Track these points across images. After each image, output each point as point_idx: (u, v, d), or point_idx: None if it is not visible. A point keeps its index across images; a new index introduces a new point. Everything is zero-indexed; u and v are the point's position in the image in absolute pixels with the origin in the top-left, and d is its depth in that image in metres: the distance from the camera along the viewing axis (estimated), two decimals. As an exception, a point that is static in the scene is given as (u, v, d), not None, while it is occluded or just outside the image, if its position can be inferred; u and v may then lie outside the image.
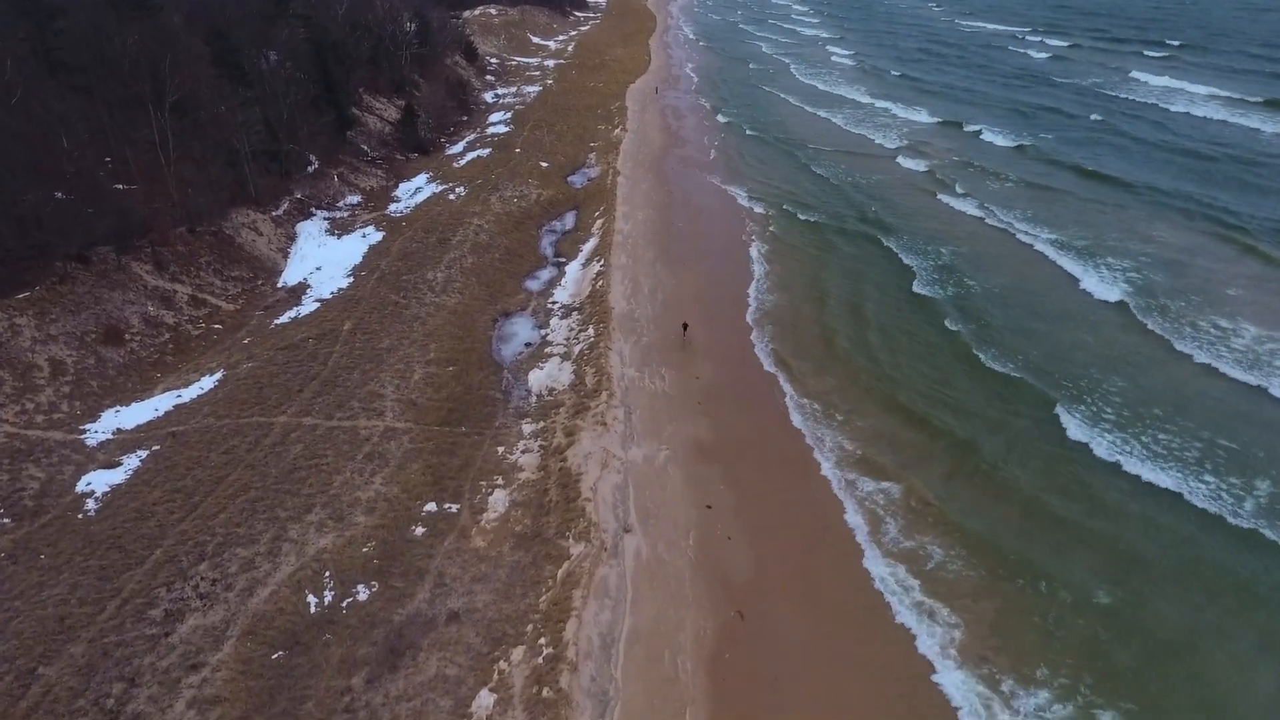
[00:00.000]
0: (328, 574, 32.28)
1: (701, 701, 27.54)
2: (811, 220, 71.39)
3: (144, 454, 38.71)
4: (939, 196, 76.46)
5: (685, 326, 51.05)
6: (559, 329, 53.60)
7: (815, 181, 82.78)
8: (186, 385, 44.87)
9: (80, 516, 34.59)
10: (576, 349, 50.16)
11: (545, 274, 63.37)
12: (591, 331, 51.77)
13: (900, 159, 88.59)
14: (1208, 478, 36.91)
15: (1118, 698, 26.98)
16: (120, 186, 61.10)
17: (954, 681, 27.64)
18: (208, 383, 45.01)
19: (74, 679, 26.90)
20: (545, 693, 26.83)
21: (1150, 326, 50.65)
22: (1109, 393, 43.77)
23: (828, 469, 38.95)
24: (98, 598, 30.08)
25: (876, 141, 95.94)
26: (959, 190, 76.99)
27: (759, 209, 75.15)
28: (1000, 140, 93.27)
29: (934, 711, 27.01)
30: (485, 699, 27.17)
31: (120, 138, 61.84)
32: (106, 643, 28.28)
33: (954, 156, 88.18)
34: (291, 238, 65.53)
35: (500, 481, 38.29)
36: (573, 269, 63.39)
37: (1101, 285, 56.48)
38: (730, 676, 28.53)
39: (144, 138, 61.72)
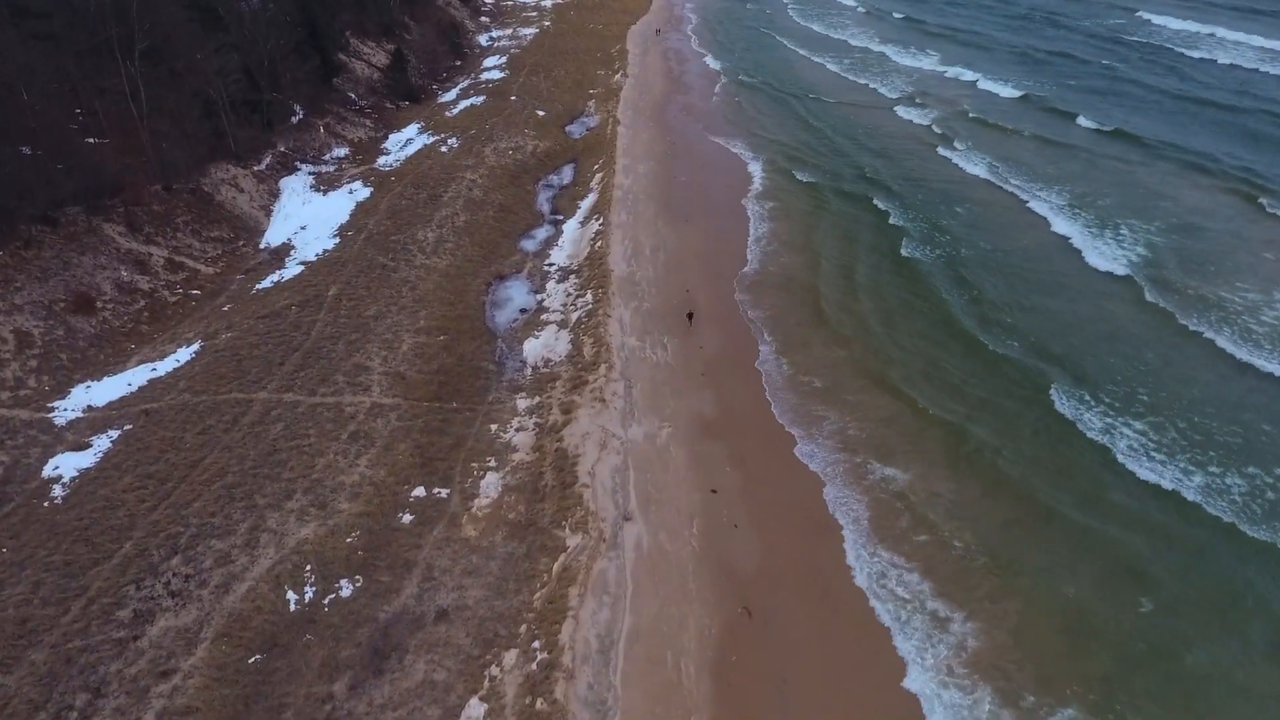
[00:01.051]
0: (309, 568, 30.40)
1: (705, 709, 25.86)
2: (813, 178, 67.20)
3: (115, 434, 36.54)
4: (940, 151, 72.33)
5: (690, 316, 47.12)
6: (556, 293, 50.93)
7: (816, 134, 78.32)
8: (162, 357, 42.46)
9: (46, 505, 32.57)
10: (574, 316, 47.59)
11: (542, 233, 60.37)
12: (590, 297, 49.12)
13: (902, 110, 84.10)
14: (1251, 468, 34.62)
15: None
16: (91, 140, 57.85)
17: (972, 697, 25.89)
18: (184, 354, 42.60)
19: (34, 689, 25.18)
20: (539, 704, 25.11)
21: (1163, 304, 46.89)
22: (1116, 379, 40.91)
23: (834, 453, 36.75)
24: (62, 597, 28.22)
25: (878, 91, 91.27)
26: (960, 146, 72.60)
27: (762, 162, 71.55)
28: (1005, 90, 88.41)
29: (954, 722, 25.38)
30: (475, 709, 25.47)
31: (89, 90, 58.20)
32: (70, 648, 26.51)
33: (957, 107, 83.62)
34: (274, 194, 62.33)
35: (493, 463, 36.19)
36: (570, 227, 60.36)
37: (1111, 255, 52.78)
38: (736, 680, 26.81)
39: (114, 88, 58.05)
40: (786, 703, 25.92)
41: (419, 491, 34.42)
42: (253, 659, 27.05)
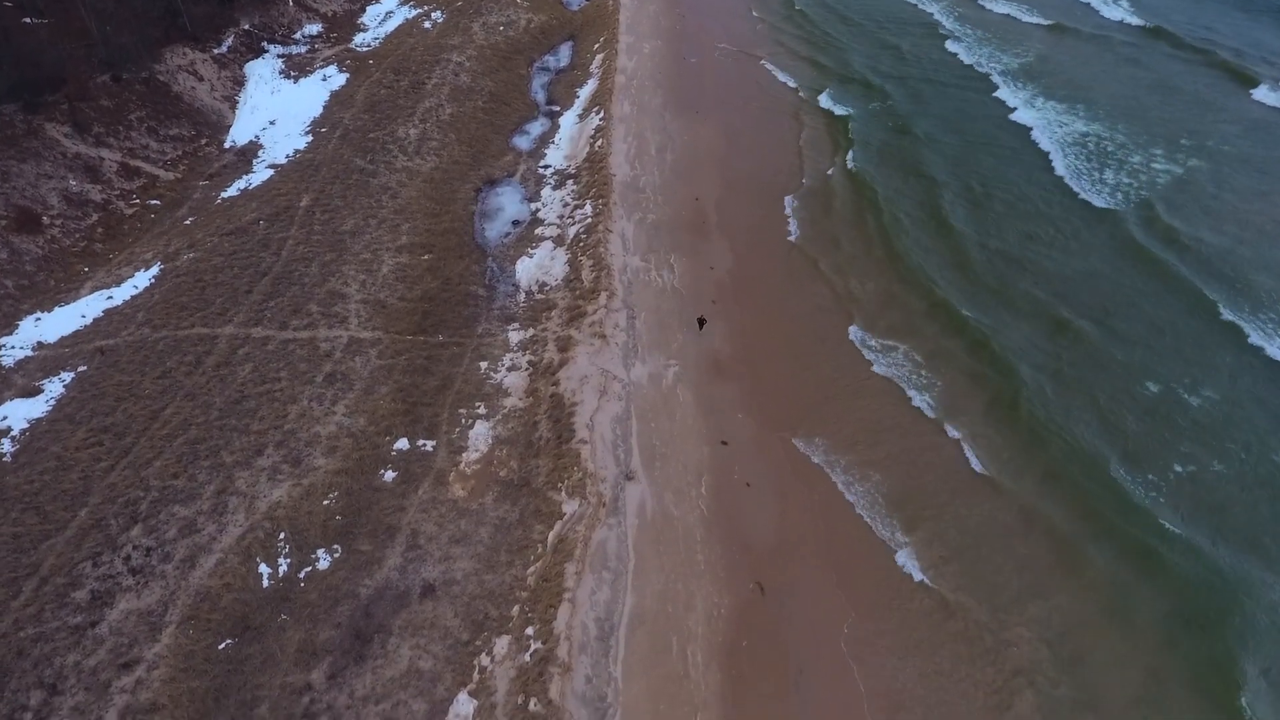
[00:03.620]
0: (282, 536, 27.85)
1: (714, 705, 23.81)
2: (827, 65, 60.86)
3: (69, 377, 33.28)
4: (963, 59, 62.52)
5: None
6: (552, 202, 46.14)
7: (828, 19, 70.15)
8: (118, 283, 38.58)
9: (-6, 463, 29.78)
10: (571, 231, 43.08)
11: (536, 127, 54.59)
12: (589, 208, 44.36)
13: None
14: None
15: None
16: (28, 20, 51.45)
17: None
18: (143, 279, 38.69)
19: (-17, 688, 23.19)
20: (533, 705, 23.01)
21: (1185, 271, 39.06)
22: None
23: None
24: (12, 577, 25.81)
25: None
26: (966, 38, 64.76)
27: (778, 42, 64.34)
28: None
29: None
30: (464, 705, 23.47)
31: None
32: (22, 638, 24.31)
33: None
34: (239, 82, 56.08)
35: (482, 410, 33.03)
36: (568, 121, 54.51)
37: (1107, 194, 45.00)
38: (747, 671, 24.67)
39: (46, -42, 50.99)
40: (804, 698, 23.83)
41: (402, 444, 31.46)
42: (223, 645, 24.92)
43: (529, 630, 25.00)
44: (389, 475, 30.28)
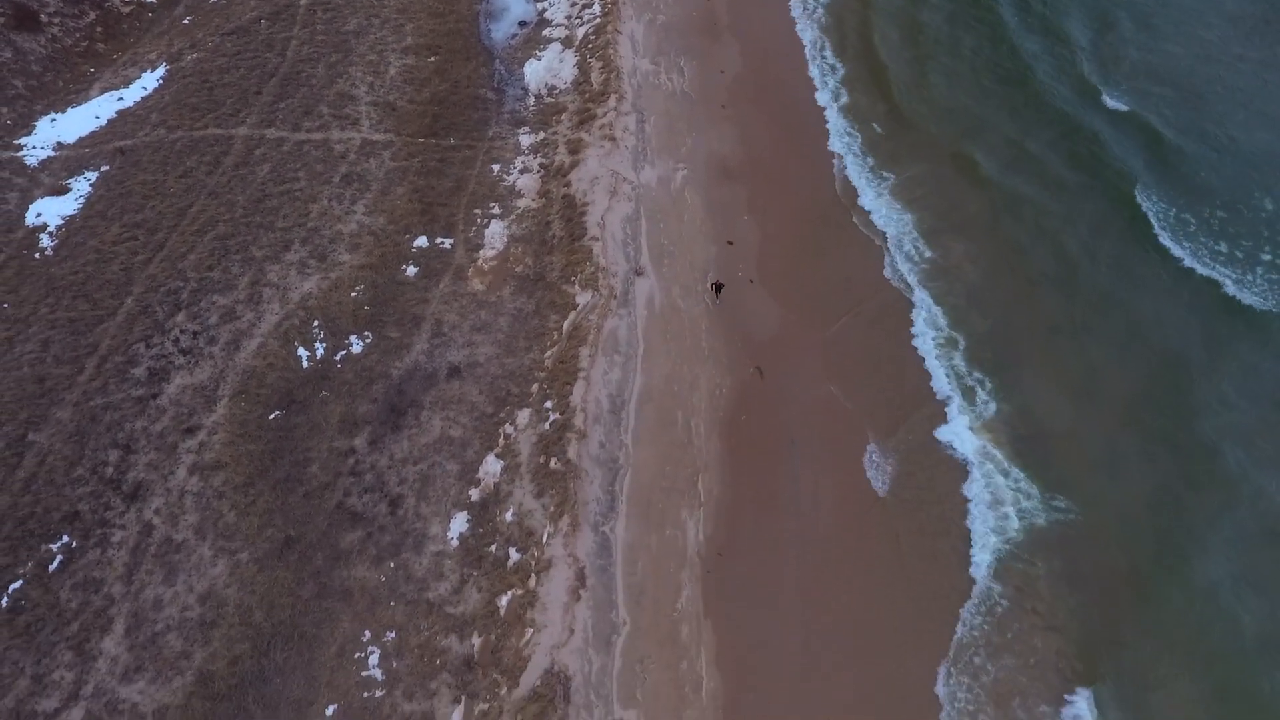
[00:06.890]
0: (316, 324, 29.94)
1: (714, 468, 26.78)
2: None
3: (93, 176, 34.25)
4: None
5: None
6: (559, 2, 44.58)
7: None
8: (126, 84, 38.51)
9: (38, 257, 31.42)
10: (580, 32, 42.05)
11: (540, -81, 51.40)
12: (597, 8, 43.00)
13: None
14: None
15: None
16: None
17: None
18: (150, 80, 38.56)
19: (67, 446, 26.07)
20: (553, 463, 25.92)
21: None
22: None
23: (870, 201, 34.29)
24: (74, 355, 28.20)
25: None
26: None
27: None
28: None
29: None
30: (492, 465, 26.44)
31: None
32: (93, 406, 27.01)
33: None
34: None
35: (497, 210, 34.13)
36: (573, -88, 51.25)
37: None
38: (745, 441, 27.45)
39: None
40: (795, 463, 26.69)
41: (421, 241, 32.86)
42: (272, 415, 27.63)
43: (548, 404, 27.59)
44: (411, 270, 31.93)
